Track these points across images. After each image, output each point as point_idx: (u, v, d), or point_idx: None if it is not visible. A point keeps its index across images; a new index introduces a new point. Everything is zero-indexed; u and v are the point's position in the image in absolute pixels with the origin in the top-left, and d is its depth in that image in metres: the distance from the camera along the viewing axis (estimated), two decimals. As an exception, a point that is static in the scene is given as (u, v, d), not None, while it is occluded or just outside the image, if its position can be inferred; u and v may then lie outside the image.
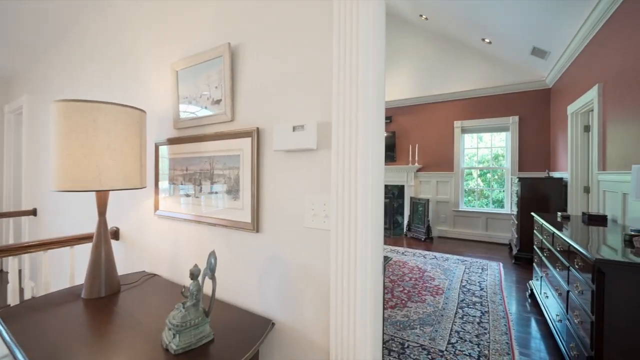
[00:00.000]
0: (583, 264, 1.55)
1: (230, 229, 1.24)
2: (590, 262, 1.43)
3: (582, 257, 1.55)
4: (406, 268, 3.70)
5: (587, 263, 1.49)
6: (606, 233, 1.99)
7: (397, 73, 6.05)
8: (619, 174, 2.38)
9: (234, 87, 1.24)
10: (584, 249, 1.52)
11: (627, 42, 2.35)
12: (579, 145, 3.54)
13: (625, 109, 2.37)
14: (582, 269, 1.56)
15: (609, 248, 1.59)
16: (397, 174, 6.05)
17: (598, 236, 1.93)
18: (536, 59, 4.38)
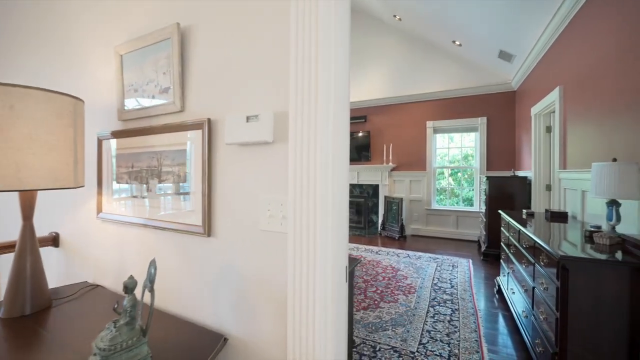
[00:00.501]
0: (548, 261, 1.56)
1: (179, 234, 1.10)
2: (554, 259, 1.44)
3: (547, 254, 1.56)
4: (380, 267, 3.68)
5: (551, 260, 1.50)
6: (567, 229, 2.05)
7: (372, 73, 6.07)
8: (578, 172, 2.48)
9: (183, 74, 1.11)
10: (549, 246, 1.53)
11: (585, 46, 2.45)
12: (541, 145, 3.70)
13: (583, 110, 2.48)
14: (547, 265, 1.57)
15: (571, 244, 1.62)
16: (372, 173, 6.06)
17: (560, 232, 1.98)
18: (503, 62, 4.54)
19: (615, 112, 1.99)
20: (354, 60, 6.23)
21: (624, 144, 1.88)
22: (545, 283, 1.58)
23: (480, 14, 3.70)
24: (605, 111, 2.13)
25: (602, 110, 2.17)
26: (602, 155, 2.15)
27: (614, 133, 2.00)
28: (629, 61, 1.87)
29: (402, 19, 5.27)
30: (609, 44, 2.09)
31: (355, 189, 6.33)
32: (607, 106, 2.10)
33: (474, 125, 5.33)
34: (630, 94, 1.82)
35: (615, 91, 2.01)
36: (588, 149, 2.36)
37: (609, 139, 2.03)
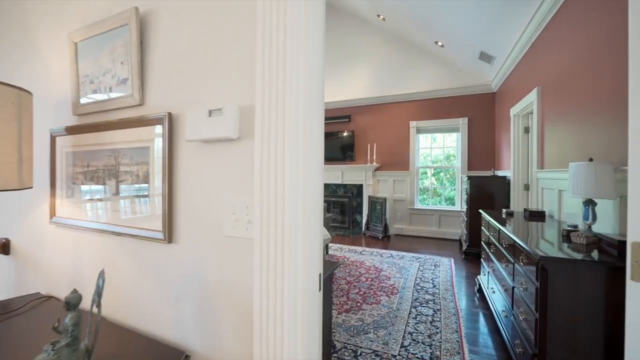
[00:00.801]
0: (527, 261, 1.56)
1: (139, 240, 1.00)
2: (534, 259, 1.43)
3: (527, 254, 1.56)
4: (363, 268, 3.65)
5: (530, 260, 1.50)
6: (545, 228, 2.07)
7: (356, 72, 6.05)
8: (555, 172, 2.52)
9: (143, 64, 1.01)
10: (528, 246, 1.53)
11: (562, 48, 2.50)
12: (520, 145, 3.77)
13: (560, 110, 2.52)
14: (526, 265, 1.57)
15: (549, 244, 1.62)
16: (356, 173, 6.04)
17: (538, 232, 1.99)
18: (483, 64, 4.61)
19: (591, 113, 2.03)
20: (338, 59, 6.19)
21: (599, 144, 1.91)
22: (525, 283, 1.57)
23: (460, 15, 3.73)
24: (581, 112, 2.17)
25: (578, 111, 2.21)
26: (578, 155, 2.18)
27: (589, 133, 2.03)
28: (603, 63, 1.90)
29: (385, 19, 5.27)
30: (585, 47, 2.13)
31: (340, 189, 6.30)
32: (582, 107, 2.14)
33: (455, 126, 5.40)
34: (605, 96, 1.85)
35: (590, 92, 2.04)
36: (565, 149, 2.40)
37: (585, 140, 2.07)
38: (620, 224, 1.61)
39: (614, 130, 1.75)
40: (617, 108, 1.72)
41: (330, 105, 6.39)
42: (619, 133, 1.69)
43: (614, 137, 1.73)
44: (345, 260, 3.98)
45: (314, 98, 0.79)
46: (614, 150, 1.74)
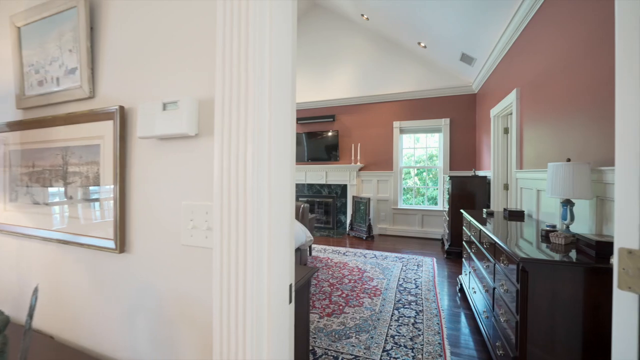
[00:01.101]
0: (508, 262, 1.54)
1: (88, 250, 0.89)
2: (514, 260, 1.41)
3: (507, 255, 1.54)
4: (346, 269, 3.60)
5: (511, 261, 1.48)
6: (525, 228, 2.08)
7: (341, 71, 6.01)
8: (534, 172, 2.55)
9: (93, 51, 0.90)
10: (508, 247, 1.51)
11: (540, 50, 2.53)
12: (499, 146, 3.83)
13: (538, 111, 2.55)
14: (507, 266, 1.55)
15: (528, 244, 1.62)
16: (341, 173, 6.00)
17: (517, 232, 2.00)
18: (464, 65, 4.67)
19: (568, 114, 2.05)
20: (322, 58, 6.13)
21: (576, 144, 1.93)
22: (506, 285, 1.56)
23: (442, 16, 3.75)
24: (558, 113, 2.19)
25: (555, 112, 2.24)
26: (555, 155, 2.21)
27: (566, 134, 2.05)
28: (580, 65, 1.92)
29: (369, 19, 5.25)
30: (562, 48, 2.15)
31: (324, 189, 6.24)
32: (560, 108, 2.17)
33: (438, 126, 5.45)
34: (582, 97, 1.88)
35: (567, 94, 2.06)
36: (543, 150, 2.43)
37: (562, 140, 2.09)
38: (596, 224, 1.62)
39: (590, 131, 1.77)
40: (593, 109, 1.74)
41: (315, 105, 6.32)
42: (594, 134, 1.71)
43: (590, 137, 1.75)
44: (328, 261, 3.92)
45: (284, 90, 0.72)
46: (590, 151, 1.75)
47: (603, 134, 1.62)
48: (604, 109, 1.63)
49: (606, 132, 1.60)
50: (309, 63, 6.24)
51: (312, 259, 4.01)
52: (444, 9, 3.57)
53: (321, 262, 3.90)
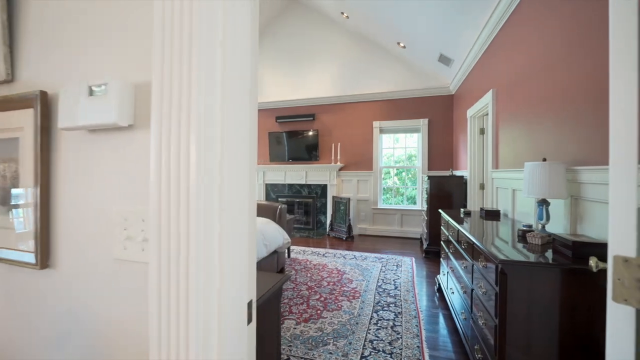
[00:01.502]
0: (486, 263, 1.51)
1: (5, 265, 0.74)
2: (493, 262, 1.37)
3: (486, 256, 1.50)
4: (325, 271, 3.51)
5: (490, 261, 1.44)
6: (501, 228, 2.08)
7: (321, 70, 5.92)
8: (509, 172, 2.58)
9: (11, 25, 0.75)
10: (487, 248, 1.47)
11: (516, 51, 2.56)
12: (475, 146, 3.88)
13: (514, 112, 2.58)
14: (485, 267, 1.52)
15: (505, 244, 1.60)
16: (321, 173, 5.92)
17: (493, 231, 1.99)
18: (442, 66, 4.72)
19: (543, 114, 2.07)
20: (302, 55, 6.01)
21: (551, 145, 1.94)
22: (484, 286, 1.52)
23: (421, 16, 3.75)
24: (533, 113, 2.21)
25: (530, 112, 2.26)
26: (531, 155, 2.23)
27: (541, 134, 2.07)
28: (554, 67, 1.93)
29: (349, 17, 5.20)
30: (537, 50, 2.17)
31: (304, 189, 6.13)
32: (535, 108, 2.18)
33: (417, 126, 5.49)
34: (557, 97, 1.89)
35: (542, 94, 2.08)
36: (518, 150, 2.45)
37: (537, 140, 2.11)
38: (571, 223, 1.63)
39: (563, 132, 1.77)
40: (567, 110, 1.75)
41: (294, 103, 6.20)
42: (568, 134, 1.71)
43: (564, 137, 1.76)
44: (307, 263, 3.82)
45: (240, 70, 0.61)
46: (564, 151, 1.76)
47: (577, 134, 1.63)
48: (578, 110, 1.64)
49: (580, 132, 1.61)
50: (288, 60, 6.11)
51: (291, 261, 3.89)
52: (422, 8, 3.57)
53: (300, 264, 3.79)
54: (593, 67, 1.51)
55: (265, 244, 2.72)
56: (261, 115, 6.46)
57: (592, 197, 1.45)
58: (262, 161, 6.42)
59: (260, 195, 6.35)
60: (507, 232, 2.01)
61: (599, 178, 1.40)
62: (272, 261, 2.98)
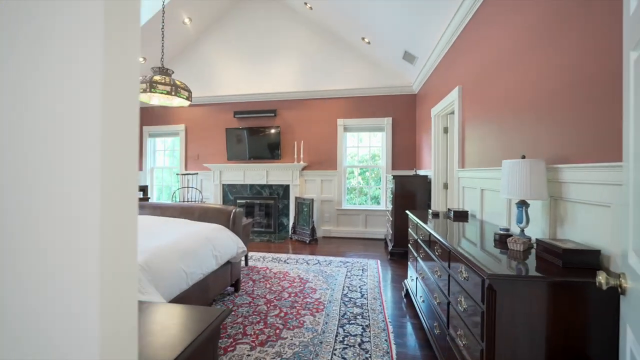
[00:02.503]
0: (468, 275, 1.31)
1: None
2: (480, 276, 1.17)
3: (469, 266, 1.31)
4: (287, 280, 3.20)
5: (475, 274, 1.25)
6: (472, 230, 1.95)
7: (283, 63, 5.57)
8: (477, 171, 2.48)
9: None
10: (472, 257, 1.28)
11: (483, 45, 2.47)
12: (440, 145, 3.83)
13: (481, 109, 2.49)
14: (467, 280, 1.32)
15: (481, 250, 1.43)
16: (283, 172, 5.58)
17: (465, 233, 1.84)
18: (407, 64, 4.65)
19: (513, 110, 1.96)
20: (263, 47, 5.61)
21: (523, 142, 1.83)
22: (465, 302, 1.33)
23: (386, 10, 3.60)
24: (502, 110, 2.11)
25: (499, 109, 2.16)
26: (499, 154, 2.13)
27: (512, 132, 1.97)
28: (525, 60, 1.83)
29: (312, 8, 4.93)
30: (506, 44, 2.08)
31: (265, 190, 5.74)
32: (504, 105, 2.09)
33: (380, 125, 5.40)
34: (528, 93, 1.78)
35: (512, 90, 1.98)
36: (487, 148, 2.36)
37: (510, 137, 2.00)
38: (550, 226, 1.51)
39: (539, 129, 1.66)
40: (543, 105, 1.64)
41: (254, 98, 5.78)
42: (547, 129, 1.60)
43: (542, 133, 1.64)
44: (267, 272, 3.47)
45: None
46: (540, 149, 1.65)
47: (557, 129, 1.51)
48: (557, 104, 1.52)
49: (561, 127, 1.49)
50: (247, 52, 5.67)
51: (249, 270, 3.51)
52: (387, 1, 3.41)
53: (259, 273, 3.43)
54: (576, 54, 1.40)
55: (216, 255, 2.34)
56: (217, 110, 5.94)
57: (575, 197, 1.33)
58: (219, 160, 5.90)
59: (217, 197, 5.83)
60: (480, 235, 1.87)
61: (584, 177, 1.27)
62: (224, 274, 2.59)
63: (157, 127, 6.25)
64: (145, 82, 2.81)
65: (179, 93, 2.97)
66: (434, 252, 1.88)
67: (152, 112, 6.25)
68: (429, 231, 2.01)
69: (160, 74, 3.00)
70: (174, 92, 2.91)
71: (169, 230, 2.29)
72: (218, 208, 2.91)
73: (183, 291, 1.93)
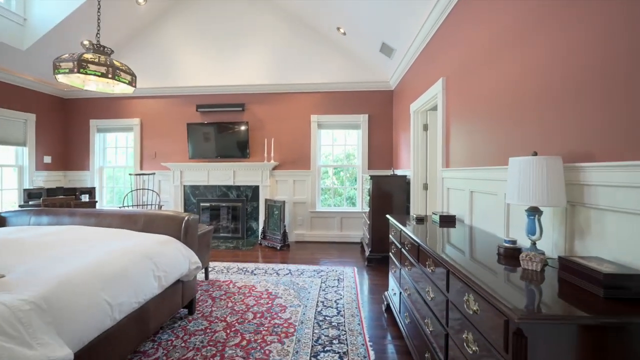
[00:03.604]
0: (478, 309, 1.00)
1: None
2: (502, 315, 0.86)
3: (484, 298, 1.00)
4: (252, 297, 2.78)
5: (491, 310, 0.94)
6: (462, 238, 1.67)
7: (252, 53, 5.10)
8: (465, 171, 2.23)
9: None
10: (492, 290, 0.96)
11: (474, 28, 2.22)
12: (419, 143, 3.60)
13: (469, 101, 2.25)
14: (477, 314, 1.01)
15: (488, 271, 1.13)
16: (251, 172, 5.12)
17: (456, 243, 1.55)
18: (384, 58, 4.39)
19: (512, 101, 1.71)
20: (229, 35, 5.10)
21: (532, 136, 1.58)
22: (475, 341, 1.02)
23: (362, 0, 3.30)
24: (498, 101, 1.86)
25: (494, 101, 1.91)
26: (494, 151, 1.88)
27: (515, 124, 1.71)
28: (534, 38, 1.57)
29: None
30: (506, 20, 1.82)
31: (232, 192, 5.24)
32: (501, 96, 1.83)
33: (356, 122, 5.11)
34: (533, 79, 1.53)
35: (512, 77, 1.73)
36: (476, 145, 2.11)
37: (509, 131, 1.75)
38: (566, 239, 1.25)
39: (551, 119, 1.41)
40: (560, 89, 1.38)
41: (220, 90, 5.25)
42: (559, 122, 1.34)
43: (552, 127, 1.39)
44: (230, 287, 3.03)
45: None
46: (551, 145, 1.39)
47: (575, 118, 1.25)
48: (583, 86, 1.26)
49: (583, 115, 1.23)
50: (212, 40, 5.12)
51: (209, 285, 3.05)
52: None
53: (220, 288, 2.98)
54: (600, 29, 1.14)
55: (159, 276, 1.87)
56: (178, 103, 5.34)
57: (604, 204, 1.07)
58: (180, 158, 5.31)
59: (178, 200, 5.23)
60: (474, 245, 1.59)
61: (619, 178, 1.01)
62: (173, 296, 2.13)
63: (107, 120, 5.51)
64: (72, 61, 2.26)
65: (118, 76, 2.45)
66: (425, 266, 1.57)
67: (101, 103, 5.50)
68: (416, 241, 1.70)
69: (94, 52, 2.45)
70: (111, 74, 2.39)
71: (95, 248, 1.79)
72: (168, 215, 2.43)
73: (107, 329, 1.47)
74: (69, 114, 5.61)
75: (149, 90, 5.32)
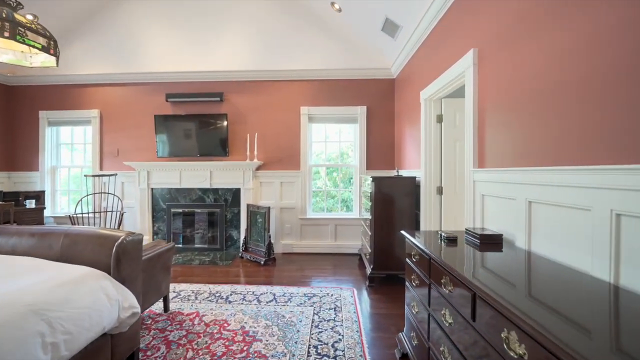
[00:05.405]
0: None
1: None
2: None
3: None
4: (222, 339, 2.08)
5: None
6: (521, 272, 1.03)
7: (231, 36, 4.38)
8: (514, 172, 1.59)
9: None
10: None
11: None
12: (432, 137, 2.97)
13: (514, 76, 1.61)
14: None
15: None
16: (231, 173, 4.40)
17: (501, 269, 0.90)
18: (386, 39, 3.74)
19: (594, 74, 1.07)
20: (204, 15, 4.35)
21: (613, 124, 0.94)
22: None
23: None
24: (578, 68, 1.23)
25: (564, 69, 1.27)
26: (571, 142, 1.24)
27: (600, 104, 1.07)
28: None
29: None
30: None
31: (208, 196, 4.50)
32: (582, 59, 1.19)
33: (353, 115, 4.45)
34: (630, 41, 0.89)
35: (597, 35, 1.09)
36: (533, 136, 1.47)
37: (587, 114, 1.10)
38: None
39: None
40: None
41: (194, 77, 4.51)
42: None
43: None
44: (195, 322, 2.32)
45: None
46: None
47: None
48: None
49: None
50: (184, 19, 4.37)
51: (167, 321, 2.33)
52: None
53: (181, 326, 2.26)
54: None
55: (52, 344, 1.15)
56: (144, 92, 4.56)
57: None
58: (147, 157, 4.54)
59: (144, 206, 4.46)
60: (556, 290, 0.95)
61: None
62: (102, 352, 1.41)
63: (60, 112, 4.68)
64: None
65: (22, 36, 1.70)
66: (490, 326, 0.91)
67: (53, 91, 4.67)
68: (471, 284, 1.05)
69: (-14, 1, 1.71)
70: (9, 32, 1.64)
71: None
72: (97, 234, 1.70)
73: None
74: (13, 104, 4.75)
75: (110, 76, 4.52)
